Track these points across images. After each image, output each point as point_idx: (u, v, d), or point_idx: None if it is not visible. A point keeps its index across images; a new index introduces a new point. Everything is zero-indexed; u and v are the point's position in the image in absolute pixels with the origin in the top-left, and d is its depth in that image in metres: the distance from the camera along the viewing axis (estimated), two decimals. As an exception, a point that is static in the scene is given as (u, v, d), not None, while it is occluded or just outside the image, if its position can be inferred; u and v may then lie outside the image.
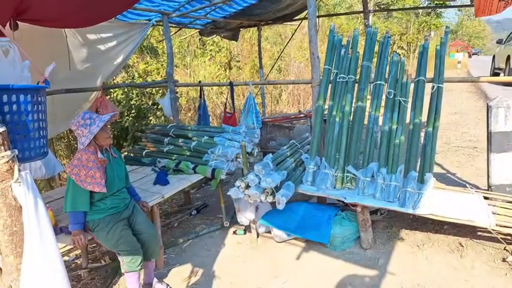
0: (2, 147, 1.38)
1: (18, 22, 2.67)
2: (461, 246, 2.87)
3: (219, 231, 3.57)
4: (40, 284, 1.43)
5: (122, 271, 2.40)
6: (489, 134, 3.09)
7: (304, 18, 6.27)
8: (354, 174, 3.06)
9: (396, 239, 3.09)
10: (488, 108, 3.06)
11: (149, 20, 4.89)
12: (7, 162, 1.38)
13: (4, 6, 2.33)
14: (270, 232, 3.29)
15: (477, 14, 3.83)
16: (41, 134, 1.73)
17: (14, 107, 1.55)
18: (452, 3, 6.61)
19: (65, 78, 3.93)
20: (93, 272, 2.98)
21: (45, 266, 1.43)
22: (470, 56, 31.24)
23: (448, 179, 4.26)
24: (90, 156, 2.22)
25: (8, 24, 2.55)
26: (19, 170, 1.40)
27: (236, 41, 7.57)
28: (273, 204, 2.98)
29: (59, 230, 2.44)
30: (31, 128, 1.62)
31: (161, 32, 7.71)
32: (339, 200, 3.09)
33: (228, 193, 3.09)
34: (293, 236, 3.17)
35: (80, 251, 3.17)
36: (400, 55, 3.34)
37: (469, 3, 5.07)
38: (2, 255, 1.45)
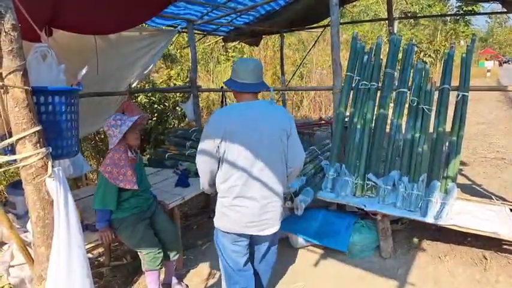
0: (38, 145, 1.48)
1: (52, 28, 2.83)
2: (485, 259, 2.78)
3: (238, 234, 3.60)
4: (64, 274, 1.51)
5: (143, 269, 2.47)
6: (517, 145, 2.99)
7: (327, 25, 6.27)
8: (374, 182, 3.03)
9: (417, 249, 3.02)
10: (517, 118, 2.97)
11: (175, 26, 5.03)
12: (42, 158, 1.48)
13: (40, 13, 2.48)
14: (287, 238, 3.29)
15: None
16: (73, 133, 1.83)
17: (50, 107, 1.66)
18: (481, 11, 6.42)
19: (93, 82, 4.09)
20: (115, 269, 3.08)
21: (70, 257, 1.51)
22: (500, 65, 30.09)
23: (473, 190, 4.13)
24: (122, 155, 2.35)
25: (43, 30, 2.71)
26: (52, 166, 1.50)
27: (257, 46, 7.68)
28: (291, 210, 2.99)
29: (84, 227, 2.53)
30: (64, 127, 1.73)
31: (186, 39, 7.91)
32: (358, 208, 3.06)
33: (247, 197, 3.12)
34: (311, 243, 3.16)
35: (102, 249, 3.28)
36: (426, 63, 3.29)
37: (499, 10, 4.90)
38: (34, 246, 1.55)
